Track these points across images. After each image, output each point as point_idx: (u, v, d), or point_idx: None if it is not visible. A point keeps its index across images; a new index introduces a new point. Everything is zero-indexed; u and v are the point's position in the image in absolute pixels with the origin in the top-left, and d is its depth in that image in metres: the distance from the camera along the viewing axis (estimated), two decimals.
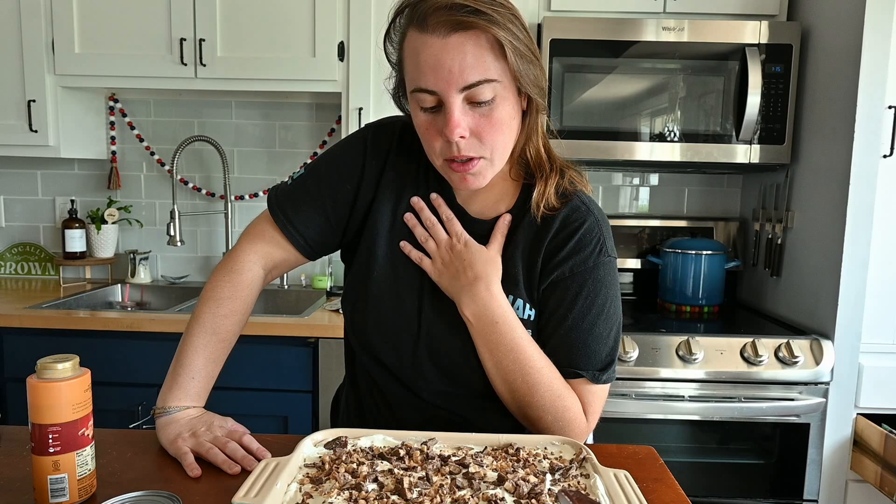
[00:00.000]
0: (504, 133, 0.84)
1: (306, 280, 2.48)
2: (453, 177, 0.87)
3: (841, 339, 1.80)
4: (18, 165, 2.46)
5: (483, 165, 0.85)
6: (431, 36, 0.78)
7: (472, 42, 0.78)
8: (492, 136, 0.83)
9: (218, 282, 0.96)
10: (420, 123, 0.85)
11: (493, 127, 0.83)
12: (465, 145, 0.82)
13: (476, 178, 0.86)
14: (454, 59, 0.78)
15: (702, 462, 1.86)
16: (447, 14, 0.77)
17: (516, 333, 0.88)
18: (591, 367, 0.90)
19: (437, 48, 0.78)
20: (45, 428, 0.69)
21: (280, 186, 1.00)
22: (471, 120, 0.82)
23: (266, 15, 2.07)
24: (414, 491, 0.66)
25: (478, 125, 0.82)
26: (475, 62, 0.78)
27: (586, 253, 0.90)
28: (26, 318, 1.88)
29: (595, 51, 1.98)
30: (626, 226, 2.39)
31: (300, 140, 2.48)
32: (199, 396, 0.92)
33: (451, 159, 0.84)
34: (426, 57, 0.79)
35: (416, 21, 0.80)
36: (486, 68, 0.79)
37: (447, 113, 0.81)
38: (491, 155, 0.85)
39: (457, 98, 0.80)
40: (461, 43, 0.78)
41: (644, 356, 1.79)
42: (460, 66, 0.78)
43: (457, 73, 0.78)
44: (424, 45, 0.79)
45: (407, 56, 0.83)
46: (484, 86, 0.79)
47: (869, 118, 1.74)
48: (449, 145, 0.83)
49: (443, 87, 0.79)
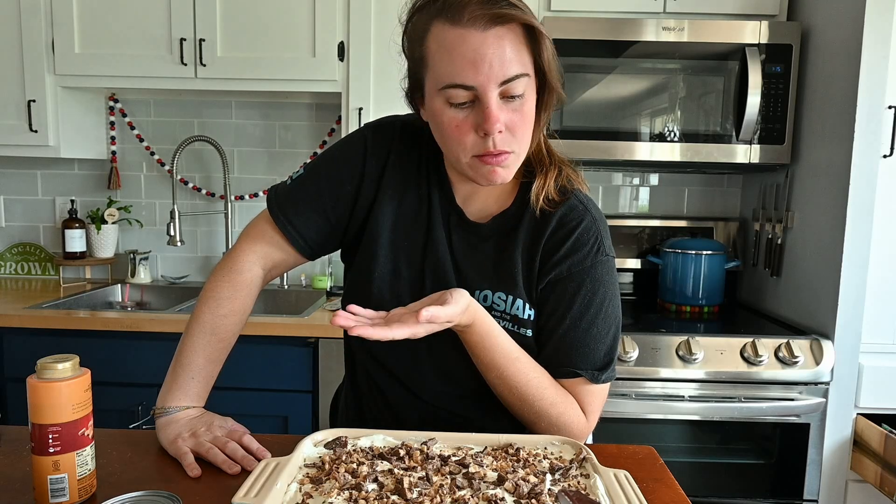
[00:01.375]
0: (530, 127, 0.85)
1: (306, 280, 2.48)
2: (483, 170, 0.85)
3: (841, 339, 1.80)
4: (18, 165, 2.46)
5: (512, 159, 0.85)
6: (469, 29, 0.77)
7: (510, 35, 0.79)
8: (521, 130, 0.83)
9: (217, 282, 0.95)
10: (448, 120, 0.83)
11: (523, 121, 0.83)
12: (500, 140, 0.82)
13: (506, 171, 0.85)
14: (494, 54, 0.78)
15: (702, 462, 1.86)
16: (485, 7, 0.77)
17: (497, 352, 0.87)
18: (590, 366, 0.90)
19: (476, 42, 0.77)
20: (45, 428, 0.69)
21: (279, 186, 1.00)
22: (504, 115, 0.82)
23: (266, 15, 2.07)
24: (414, 491, 0.66)
25: (511, 120, 0.82)
26: (514, 56, 0.79)
27: (584, 252, 0.90)
28: (26, 318, 1.88)
29: (595, 51, 1.98)
30: (626, 226, 2.39)
31: (300, 140, 2.48)
32: (198, 396, 0.92)
33: (484, 154, 0.83)
34: (464, 51, 0.78)
35: (448, 14, 0.78)
36: (523, 62, 0.80)
37: (485, 108, 0.79)
38: (519, 149, 0.85)
39: (494, 92, 0.80)
40: (500, 36, 0.78)
41: (644, 356, 1.79)
42: (500, 60, 0.78)
43: (497, 67, 0.78)
44: (461, 39, 0.78)
45: (436, 52, 0.81)
46: (518, 80, 0.80)
47: (869, 118, 1.74)
48: (483, 140, 0.82)
49: (483, 81, 0.78)
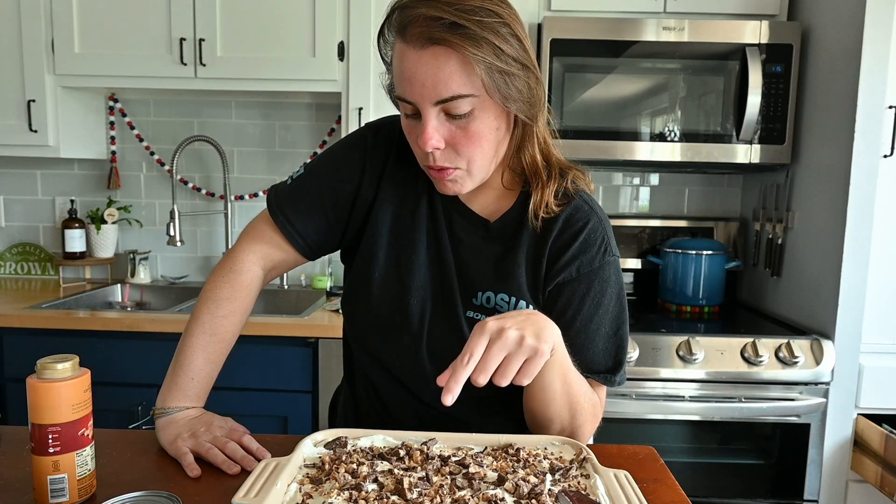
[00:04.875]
0: (482, 146, 0.83)
1: (306, 280, 2.48)
2: (434, 180, 0.88)
3: (841, 339, 1.80)
4: (18, 165, 2.46)
5: (460, 175, 0.85)
6: (409, 47, 0.77)
7: (444, 57, 0.76)
8: (468, 149, 0.82)
9: (217, 282, 0.95)
10: (404, 127, 0.86)
11: (469, 139, 0.82)
12: (440, 156, 0.83)
13: (455, 185, 0.86)
14: (427, 74, 0.77)
15: (702, 462, 1.86)
16: (424, 26, 0.75)
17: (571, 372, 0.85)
18: (603, 369, 0.90)
19: (412, 61, 0.77)
20: (45, 428, 0.69)
21: (279, 186, 1.00)
22: (447, 132, 0.81)
23: (266, 15, 2.07)
24: (414, 491, 0.66)
25: (454, 137, 0.81)
26: (448, 78, 0.77)
27: (592, 253, 0.90)
28: (26, 318, 1.88)
29: (595, 51, 1.98)
30: (626, 226, 2.39)
31: (300, 140, 2.48)
32: (198, 397, 0.92)
33: (428, 167, 0.86)
34: (403, 68, 0.79)
35: (398, 29, 0.79)
36: (461, 83, 0.77)
37: (422, 124, 0.81)
38: (468, 167, 0.84)
39: (432, 111, 0.79)
40: (434, 56, 0.76)
41: (644, 356, 1.79)
42: (433, 81, 0.77)
43: (430, 87, 0.77)
44: (403, 56, 0.79)
45: (393, 62, 0.83)
46: (458, 101, 0.78)
47: (869, 118, 1.74)
48: (426, 154, 0.83)
49: (417, 99, 0.79)
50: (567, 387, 0.83)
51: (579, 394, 0.86)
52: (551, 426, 0.87)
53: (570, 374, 0.84)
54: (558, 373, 0.81)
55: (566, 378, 0.83)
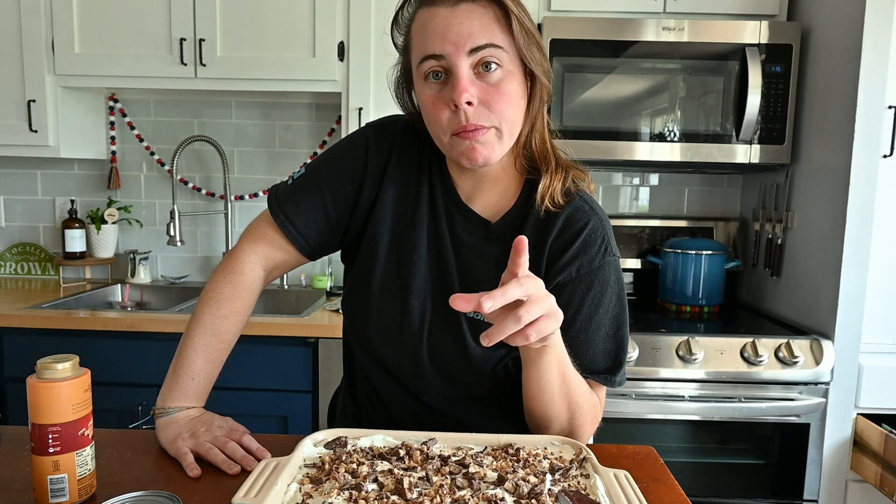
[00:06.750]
0: (513, 106, 0.84)
1: (306, 280, 2.48)
2: (462, 147, 0.83)
3: (841, 339, 1.80)
4: (18, 165, 2.46)
5: (492, 136, 0.84)
6: (439, 7, 0.81)
7: (479, 10, 0.81)
8: (500, 106, 0.83)
9: (218, 283, 0.95)
10: (426, 99, 0.84)
11: (502, 97, 0.83)
12: (473, 113, 0.82)
13: (485, 148, 0.83)
14: (462, 24, 0.80)
15: (702, 462, 1.86)
16: None
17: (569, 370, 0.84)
18: (603, 369, 0.90)
19: (445, 16, 0.81)
20: (45, 428, 0.69)
21: (280, 186, 0.99)
22: (478, 89, 0.82)
23: (266, 15, 2.07)
24: (414, 491, 0.66)
25: (486, 94, 0.82)
26: (482, 28, 0.80)
27: (592, 253, 0.90)
28: (26, 318, 1.88)
29: (595, 51, 1.98)
30: (626, 226, 2.39)
31: (300, 140, 2.48)
32: (198, 397, 0.92)
33: (459, 130, 0.82)
34: (435, 25, 0.81)
35: (426, 1, 0.83)
36: (493, 34, 0.81)
37: (454, 78, 0.81)
38: (501, 125, 0.84)
39: (464, 62, 0.81)
40: (469, 10, 0.81)
41: (644, 356, 1.79)
42: (468, 30, 0.80)
43: (465, 34, 0.80)
44: (433, 16, 0.82)
45: (415, 34, 0.85)
46: (491, 49, 0.81)
47: (869, 118, 1.74)
48: (456, 115, 0.82)
49: (450, 49, 0.80)
50: (566, 387, 0.83)
51: (579, 394, 0.86)
52: (551, 426, 0.87)
53: (570, 374, 0.84)
54: (557, 372, 0.81)
55: (565, 378, 0.83)
